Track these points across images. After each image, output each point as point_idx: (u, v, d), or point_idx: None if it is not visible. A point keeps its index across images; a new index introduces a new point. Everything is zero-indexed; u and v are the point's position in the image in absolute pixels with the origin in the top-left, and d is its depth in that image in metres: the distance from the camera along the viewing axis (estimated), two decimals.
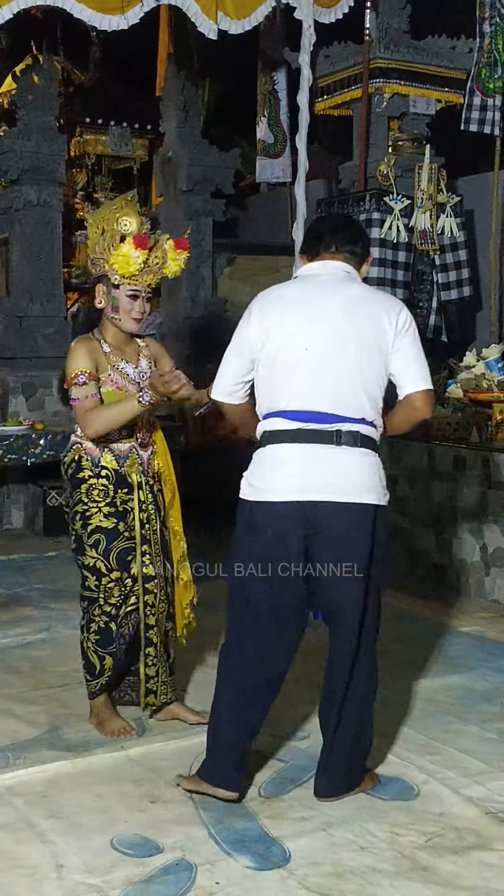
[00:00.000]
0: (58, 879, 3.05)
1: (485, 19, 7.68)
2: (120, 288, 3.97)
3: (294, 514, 3.37)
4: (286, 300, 3.50)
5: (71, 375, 3.96)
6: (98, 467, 4.04)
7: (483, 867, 3.13)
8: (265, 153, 9.86)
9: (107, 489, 4.03)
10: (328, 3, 6.97)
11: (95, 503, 4.02)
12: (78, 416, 4.00)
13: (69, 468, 4.10)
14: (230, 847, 3.23)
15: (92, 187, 11.76)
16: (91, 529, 4.03)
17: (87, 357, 3.97)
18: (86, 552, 4.05)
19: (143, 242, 3.90)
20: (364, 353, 3.35)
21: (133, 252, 3.89)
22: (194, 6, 6.30)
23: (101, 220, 4.03)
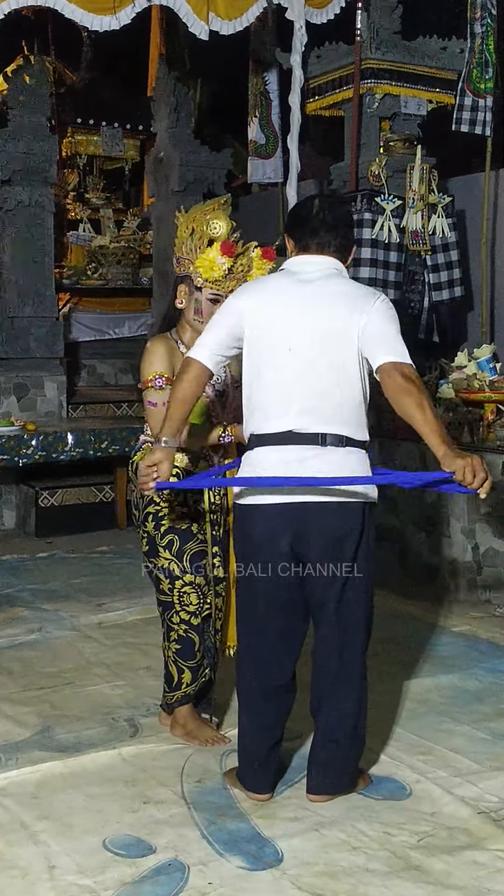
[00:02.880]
0: (50, 880, 3.05)
1: (476, 20, 7.67)
2: (202, 291, 3.94)
3: (282, 515, 3.39)
4: (272, 296, 3.48)
5: (148, 378, 3.93)
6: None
7: (475, 866, 3.14)
8: (257, 153, 9.84)
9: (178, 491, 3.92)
10: (319, 3, 6.98)
11: (167, 503, 3.91)
12: (151, 421, 3.94)
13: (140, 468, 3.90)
14: (223, 847, 3.23)
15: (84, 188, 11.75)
16: (164, 530, 3.91)
17: (165, 359, 3.94)
18: (159, 554, 3.92)
19: (230, 250, 3.89)
20: (349, 351, 3.35)
21: (219, 258, 3.87)
22: (185, 7, 6.30)
23: (192, 220, 4.00)
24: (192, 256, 3.94)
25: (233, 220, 4.04)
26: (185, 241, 3.99)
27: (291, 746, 3.98)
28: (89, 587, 6.36)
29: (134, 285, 10.72)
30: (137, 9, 6.19)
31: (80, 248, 10.90)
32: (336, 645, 3.49)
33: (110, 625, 5.61)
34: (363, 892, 3.00)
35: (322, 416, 3.35)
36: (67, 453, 7.15)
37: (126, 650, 5.18)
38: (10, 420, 7.62)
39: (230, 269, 3.92)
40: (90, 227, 11.26)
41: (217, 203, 4.07)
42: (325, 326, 3.36)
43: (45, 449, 7.09)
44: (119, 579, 6.52)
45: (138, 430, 7.33)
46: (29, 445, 7.09)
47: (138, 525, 4.04)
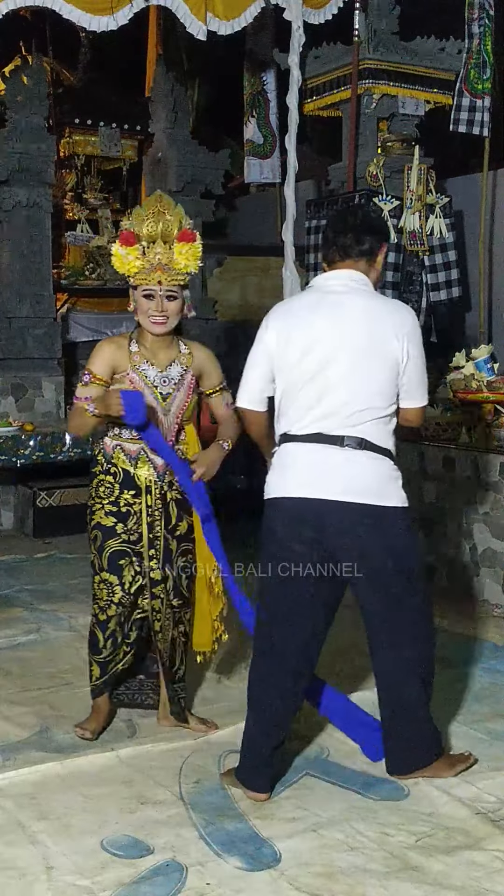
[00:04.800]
0: (48, 881, 3.05)
1: (473, 20, 7.69)
2: (137, 289, 3.91)
3: (302, 510, 3.52)
4: (299, 313, 3.61)
5: (82, 371, 3.97)
6: (109, 464, 4.00)
7: (473, 867, 3.14)
8: (254, 154, 9.86)
9: (112, 487, 3.97)
10: (317, 4, 6.97)
11: (100, 500, 3.98)
12: (70, 413, 4.02)
13: (91, 462, 4.10)
14: (221, 848, 3.23)
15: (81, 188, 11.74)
16: (92, 525, 4.00)
17: (102, 357, 3.92)
18: (91, 550, 4.04)
19: (127, 239, 3.83)
20: (374, 364, 3.48)
21: (120, 249, 3.85)
22: (183, 7, 6.29)
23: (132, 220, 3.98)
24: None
25: (230, 219, 4.04)
26: None
27: (290, 747, 3.98)
28: (87, 588, 6.29)
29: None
30: (135, 9, 6.18)
31: (78, 248, 10.89)
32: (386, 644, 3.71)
33: None
34: (361, 893, 3.00)
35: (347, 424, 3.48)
36: (65, 454, 7.16)
37: None
38: (8, 420, 7.62)
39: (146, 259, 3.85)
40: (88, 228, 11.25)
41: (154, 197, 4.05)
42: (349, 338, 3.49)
43: (43, 449, 7.09)
44: None
45: None
46: (27, 446, 7.09)
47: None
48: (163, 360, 3.97)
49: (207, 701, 4.49)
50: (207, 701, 4.49)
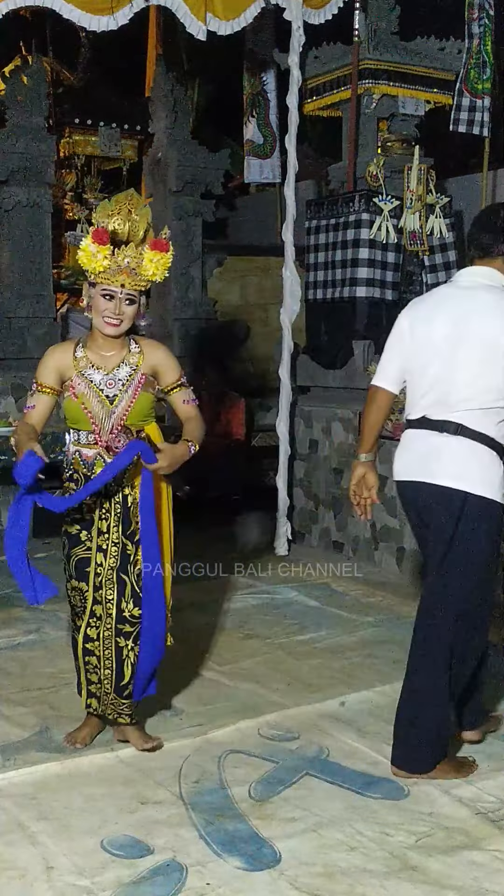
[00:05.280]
0: (48, 881, 3.04)
1: (473, 20, 7.69)
2: (95, 287, 3.78)
3: (408, 492, 3.83)
4: (427, 306, 3.80)
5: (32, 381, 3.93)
6: (71, 469, 3.97)
7: (473, 867, 3.14)
8: (254, 154, 9.86)
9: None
10: (317, 4, 6.98)
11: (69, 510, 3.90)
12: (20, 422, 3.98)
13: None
14: (221, 848, 3.23)
15: (81, 188, 11.76)
16: (62, 532, 3.99)
17: (48, 365, 3.87)
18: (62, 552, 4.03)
19: (101, 237, 3.69)
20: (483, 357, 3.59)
21: (91, 247, 3.69)
22: (183, 7, 6.30)
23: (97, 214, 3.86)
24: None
25: (230, 219, 4.01)
26: None
27: (289, 746, 3.98)
28: None
29: None
30: (135, 9, 6.19)
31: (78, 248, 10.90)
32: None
33: None
34: (361, 893, 3.00)
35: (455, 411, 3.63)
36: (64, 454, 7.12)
37: None
38: (8, 421, 7.60)
39: (114, 261, 3.71)
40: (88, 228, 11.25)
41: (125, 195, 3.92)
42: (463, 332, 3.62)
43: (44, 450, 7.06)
44: None
45: None
46: None
47: None
48: (111, 362, 3.86)
49: (206, 701, 4.49)
50: (206, 701, 4.49)
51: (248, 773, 3.75)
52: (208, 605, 5.93)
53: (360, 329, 7.31)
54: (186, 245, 9.30)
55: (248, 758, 3.89)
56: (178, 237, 9.29)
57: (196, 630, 5.51)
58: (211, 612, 5.81)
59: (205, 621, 5.66)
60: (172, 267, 4.01)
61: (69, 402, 3.88)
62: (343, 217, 7.35)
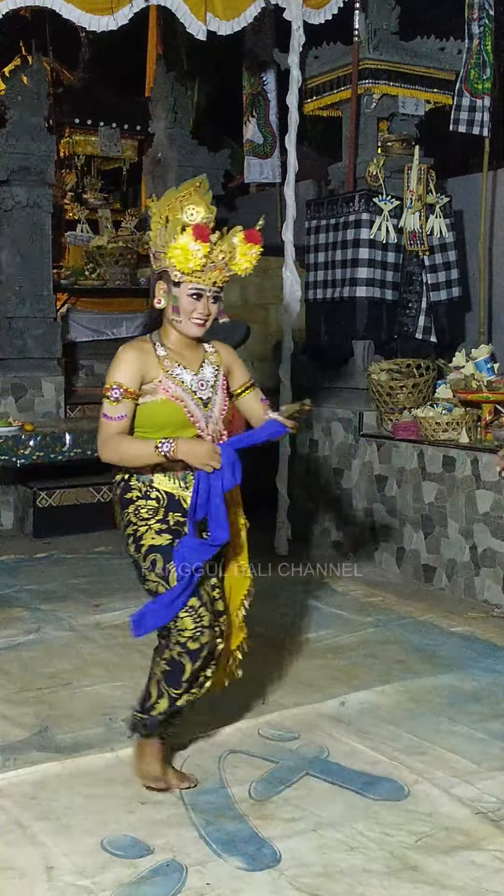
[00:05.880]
0: (48, 881, 3.04)
1: (473, 20, 7.68)
2: (181, 286, 3.47)
3: None
4: None
5: (106, 387, 3.48)
6: (148, 488, 3.59)
7: (473, 867, 3.14)
8: (254, 153, 9.85)
9: (156, 510, 3.55)
10: (317, 4, 6.98)
11: (144, 521, 3.54)
12: (100, 435, 3.51)
13: (118, 487, 3.68)
14: (220, 848, 3.23)
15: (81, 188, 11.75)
16: (145, 550, 3.53)
17: (130, 367, 3.47)
18: (146, 577, 3.53)
19: (204, 234, 3.38)
20: None
21: (192, 245, 3.37)
22: (183, 7, 6.30)
23: (165, 207, 3.51)
24: (167, 248, 3.47)
25: (230, 220, 3.94)
26: (159, 233, 3.52)
27: (289, 746, 3.98)
28: (87, 588, 6.36)
29: (132, 285, 10.72)
30: (135, 9, 6.20)
31: (78, 248, 10.90)
32: None
33: (108, 625, 5.60)
34: (361, 893, 3.00)
35: None
36: (65, 454, 7.15)
37: (123, 651, 5.17)
38: (8, 420, 7.62)
39: (208, 257, 3.42)
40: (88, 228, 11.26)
41: (193, 186, 3.54)
42: None
43: (43, 449, 7.08)
44: (117, 580, 6.51)
45: None
46: (27, 446, 7.09)
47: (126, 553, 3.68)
48: (193, 363, 3.60)
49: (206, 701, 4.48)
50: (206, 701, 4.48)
51: (248, 773, 3.76)
52: None
53: (361, 329, 7.31)
54: None
55: (248, 758, 3.90)
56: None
57: None
58: None
59: None
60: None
61: (161, 405, 3.51)
62: (343, 217, 7.35)
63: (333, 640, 5.36)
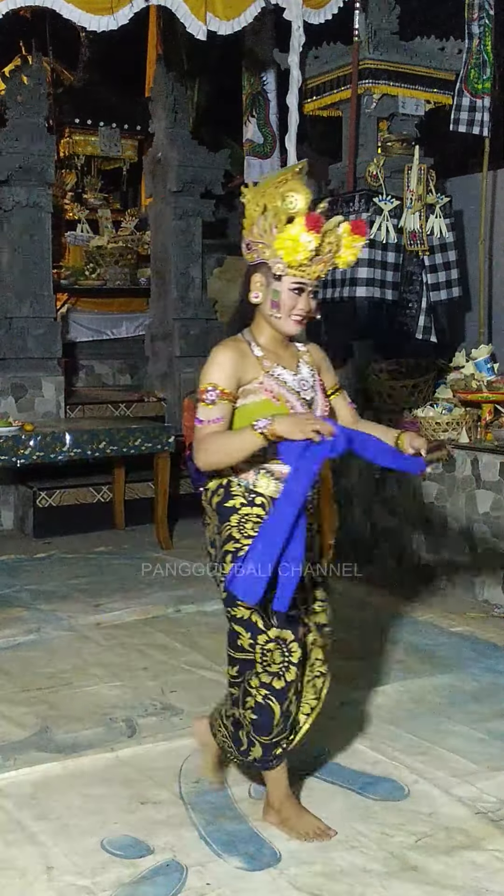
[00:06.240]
0: (48, 881, 3.05)
1: (473, 20, 7.67)
2: (283, 280, 3.20)
3: None
4: None
5: (201, 389, 3.20)
6: (252, 493, 3.27)
7: (473, 867, 3.14)
8: (254, 153, 9.86)
9: (262, 520, 3.21)
10: (317, 3, 6.97)
11: (250, 539, 3.19)
12: (196, 440, 3.21)
13: (215, 495, 3.32)
14: (220, 848, 3.23)
15: (81, 188, 11.76)
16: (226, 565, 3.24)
17: (227, 368, 3.19)
18: (237, 603, 3.21)
19: (318, 224, 3.11)
20: None
21: (304, 236, 3.10)
22: (183, 7, 6.30)
23: (262, 194, 3.25)
24: (268, 238, 3.18)
25: (231, 220, 3.89)
26: (257, 222, 3.25)
27: None
28: (87, 588, 6.36)
29: (132, 285, 10.74)
30: (135, 9, 6.19)
31: (78, 248, 10.91)
32: None
33: (108, 625, 5.61)
34: (361, 893, 3.00)
35: None
36: (65, 454, 7.14)
37: (124, 651, 5.18)
38: (8, 420, 7.61)
39: (317, 250, 3.16)
40: (88, 228, 11.28)
41: (292, 171, 3.27)
42: None
43: (43, 449, 7.07)
44: (117, 580, 6.52)
45: (136, 431, 7.37)
46: (27, 446, 7.09)
47: (214, 566, 3.35)
48: (290, 362, 3.35)
49: (206, 700, 4.49)
50: (206, 700, 4.49)
51: (247, 774, 3.75)
52: (208, 604, 5.93)
53: (360, 329, 7.30)
54: (186, 245, 9.30)
55: None
56: (177, 237, 9.29)
57: (196, 629, 5.52)
58: (211, 612, 5.81)
59: (205, 621, 5.67)
60: (173, 266, 3.78)
61: (262, 406, 3.21)
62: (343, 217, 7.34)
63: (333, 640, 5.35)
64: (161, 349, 9.54)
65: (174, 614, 5.79)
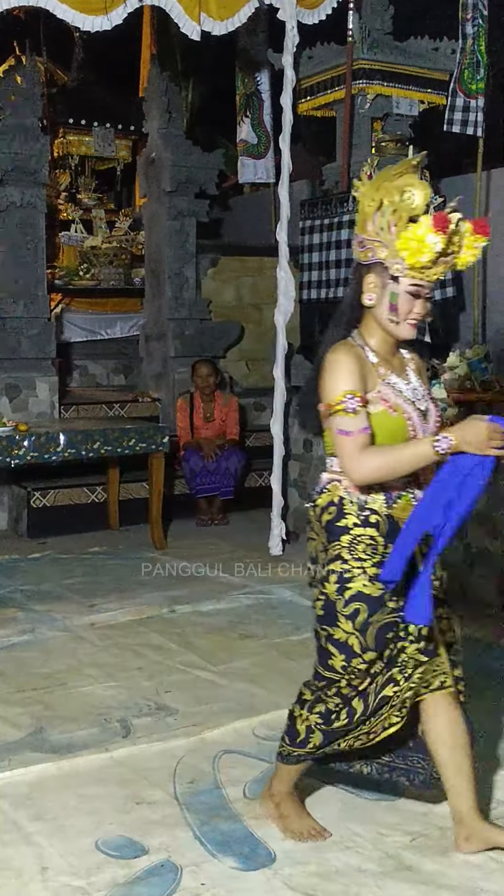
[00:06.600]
0: (43, 881, 3.05)
1: (467, 21, 7.69)
2: (400, 282, 3.00)
3: None
4: None
5: (337, 398, 2.98)
6: (366, 511, 3.10)
7: (467, 866, 3.14)
8: (248, 154, 9.87)
9: (375, 543, 3.07)
10: (311, 4, 6.99)
11: (360, 562, 3.07)
12: (346, 454, 2.99)
13: (325, 512, 3.15)
14: (215, 848, 3.23)
15: (75, 188, 11.75)
16: (350, 596, 3.09)
17: (355, 373, 3.00)
18: (338, 623, 3.11)
19: (445, 225, 2.92)
20: None
21: (431, 237, 2.91)
22: (177, 7, 6.31)
23: (379, 189, 3.02)
24: (386, 237, 2.98)
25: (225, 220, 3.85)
26: (372, 218, 3.02)
27: None
28: (82, 588, 6.35)
29: (126, 286, 10.74)
30: (129, 9, 6.20)
31: (72, 248, 10.91)
32: None
33: (103, 626, 5.60)
34: (356, 893, 3.00)
35: None
36: (59, 454, 7.13)
37: (118, 651, 5.18)
38: (3, 421, 7.60)
39: (443, 251, 2.96)
40: (82, 228, 11.27)
41: (408, 165, 3.04)
42: None
43: (38, 450, 7.07)
44: (111, 580, 6.52)
45: (131, 431, 7.36)
46: (21, 446, 7.08)
47: (314, 583, 3.23)
48: (400, 370, 3.18)
49: (201, 701, 4.49)
50: (201, 701, 4.49)
51: (242, 773, 3.76)
52: (203, 604, 5.93)
53: None
54: (181, 245, 9.30)
55: (242, 758, 3.90)
56: (172, 237, 9.29)
57: (191, 630, 5.52)
58: (206, 612, 5.81)
59: (200, 621, 5.67)
60: (167, 267, 3.68)
61: (379, 418, 3.04)
62: (337, 217, 7.35)
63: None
64: (155, 349, 9.54)
65: (169, 614, 5.79)
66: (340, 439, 2.99)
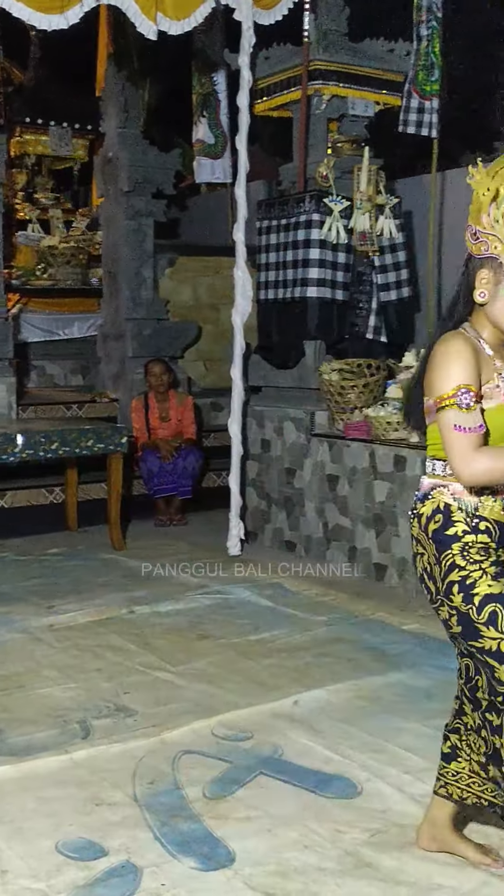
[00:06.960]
0: (2, 884, 3.04)
1: (421, 22, 7.73)
2: None
3: None
4: None
5: (450, 391, 2.77)
6: (476, 518, 2.90)
7: (425, 862, 3.17)
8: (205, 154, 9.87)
9: (487, 547, 2.88)
10: (267, 4, 7.00)
11: (477, 564, 2.85)
12: (457, 453, 2.78)
13: (431, 522, 2.92)
14: (175, 848, 3.24)
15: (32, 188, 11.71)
16: (480, 601, 2.83)
17: (472, 365, 2.80)
18: (481, 634, 2.83)
19: None
20: None
21: None
22: (134, 6, 6.29)
23: (494, 176, 2.78)
24: (502, 231, 2.78)
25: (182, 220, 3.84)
26: (487, 209, 2.80)
27: (242, 746, 4.00)
28: (40, 589, 6.33)
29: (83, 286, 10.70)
30: (86, 8, 6.17)
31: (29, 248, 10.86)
32: None
33: (61, 627, 5.59)
34: (315, 891, 3.02)
35: None
36: (17, 455, 7.10)
37: (77, 652, 5.17)
38: None
39: None
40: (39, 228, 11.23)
41: None
42: None
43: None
44: (70, 581, 6.50)
45: (89, 432, 7.33)
46: None
47: (436, 600, 2.96)
48: None
49: (160, 701, 4.49)
50: (160, 701, 4.49)
51: (202, 774, 3.77)
52: (162, 604, 5.94)
53: (312, 329, 7.33)
54: (138, 245, 9.29)
55: (202, 758, 3.91)
56: (129, 237, 9.27)
57: (150, 630, 5.52)
58: (165, 613, 5.81)
59: (158, 621, 5.67)
60: (124, 266, 3.58)
61: (499, 412, 2.86)
62: (294, 217, 7.37)
63: (286, 639, 5.39)
64: (113, 350, 9.52)
65: (128, 615, 5.79)
66: (452, 436, 2.78)
